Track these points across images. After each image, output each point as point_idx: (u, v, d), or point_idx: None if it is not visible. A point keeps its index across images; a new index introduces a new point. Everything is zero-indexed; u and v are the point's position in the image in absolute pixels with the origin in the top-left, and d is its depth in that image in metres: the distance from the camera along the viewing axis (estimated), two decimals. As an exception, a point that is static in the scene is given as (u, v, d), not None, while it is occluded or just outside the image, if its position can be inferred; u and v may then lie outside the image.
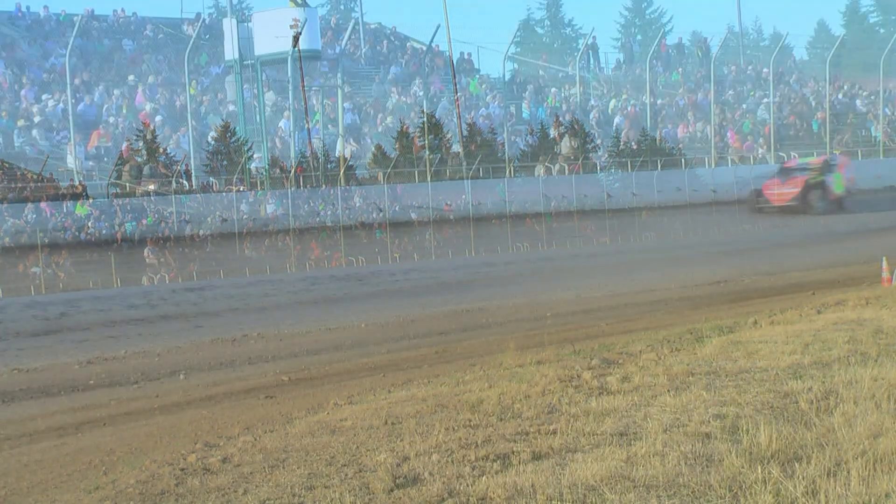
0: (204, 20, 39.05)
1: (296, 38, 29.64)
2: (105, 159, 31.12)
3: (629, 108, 42.62)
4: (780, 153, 41.98)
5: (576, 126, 38.60)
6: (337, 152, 33.17)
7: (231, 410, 8.74)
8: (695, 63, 50.40)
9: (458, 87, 41.54)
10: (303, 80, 30.77)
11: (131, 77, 34.55)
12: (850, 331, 9.78)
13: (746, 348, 9.09)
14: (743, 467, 5.33)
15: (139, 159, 30.52)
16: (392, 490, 5.21)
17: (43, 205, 25.89)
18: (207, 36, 38.09)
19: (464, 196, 32.90)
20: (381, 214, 31.17)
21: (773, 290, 16.48)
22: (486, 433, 6.47)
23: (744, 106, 46.20)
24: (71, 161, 29.68)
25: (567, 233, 29.07)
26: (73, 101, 30.22)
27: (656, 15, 76.18)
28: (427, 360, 11.18)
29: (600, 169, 38.33)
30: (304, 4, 30.34)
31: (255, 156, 31.67)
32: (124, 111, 32.62)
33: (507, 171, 35.38)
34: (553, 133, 39.48)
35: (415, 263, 22.23)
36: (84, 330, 14.77)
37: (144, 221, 26.34)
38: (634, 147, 39.74)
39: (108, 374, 10.96)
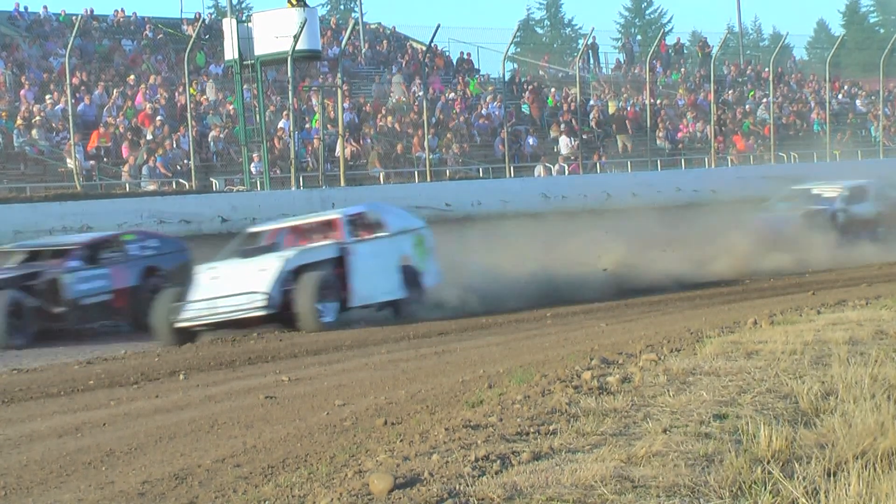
0: (204, 20, 39.06)
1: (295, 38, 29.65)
2: (105, 160, 31.10)
3: (629, 108, 42.62)
4: (780, 153, 42.01)
5: (575, 126, 38.63)
6: (337, 152, 33.15)
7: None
8: (695, 63, 50.43)
9: (457, 86, 41.57)
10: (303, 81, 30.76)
11: (131, 77, 34.55)
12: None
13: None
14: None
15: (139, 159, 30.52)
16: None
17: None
18: (207, 36, 38.10)
19: (464, 196, 32.88)
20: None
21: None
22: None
23: (747, 107, 46.24)
24: (71, 162, 29.66)
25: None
26: (73, 101, 30.21)
27: (656, 15, 76.22)
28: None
29: (600, 169, 38.37)
30: (303, 5, 30.29)
31: (254, 156, 31.63)
32: (124, 111, 32.61)
33: (507, 172, 35.39)
34: (553, 133, 39.50)
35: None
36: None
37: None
38: (633, 146, 39.77)
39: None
